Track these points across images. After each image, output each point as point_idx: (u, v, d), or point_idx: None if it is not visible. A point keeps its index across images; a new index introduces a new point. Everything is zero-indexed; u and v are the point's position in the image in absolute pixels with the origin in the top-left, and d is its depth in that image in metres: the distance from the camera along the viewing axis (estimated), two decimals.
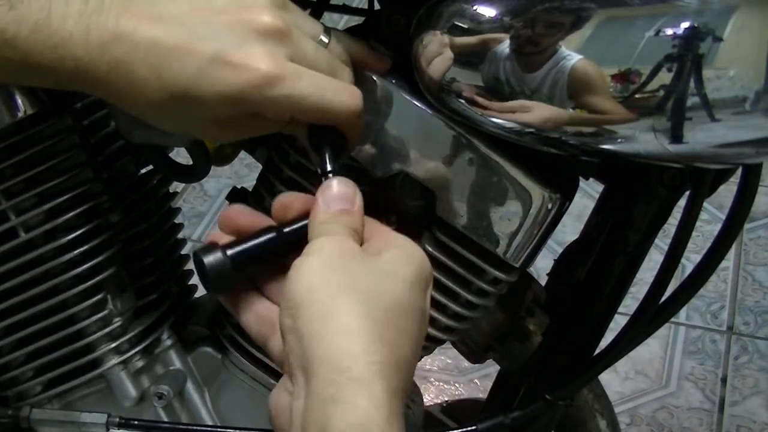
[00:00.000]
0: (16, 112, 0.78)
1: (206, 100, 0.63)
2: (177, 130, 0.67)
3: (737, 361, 1.94)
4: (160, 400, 0.88)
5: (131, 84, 0.63)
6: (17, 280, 0.83)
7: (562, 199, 0.76)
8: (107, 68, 0.62)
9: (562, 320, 0.91)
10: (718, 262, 0.85)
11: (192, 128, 0.67)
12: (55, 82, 0.64)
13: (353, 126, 0.67)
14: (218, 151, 0.89)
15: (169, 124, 0.66)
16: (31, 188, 0.81)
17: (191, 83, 0.62)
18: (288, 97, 0.63)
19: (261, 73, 0.62)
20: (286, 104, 0.64)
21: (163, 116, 0.65)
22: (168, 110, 0.64)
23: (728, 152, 0.67)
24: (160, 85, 0.63)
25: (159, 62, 0.62)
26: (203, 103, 0.63)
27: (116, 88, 0.63)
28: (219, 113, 0.64)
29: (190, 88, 0.62)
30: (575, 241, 0.93)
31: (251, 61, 0.62)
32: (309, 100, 0.64)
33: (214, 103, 0.63)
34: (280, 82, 0.63)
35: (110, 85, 0.63)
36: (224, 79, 0.62)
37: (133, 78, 0.63)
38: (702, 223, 2.05)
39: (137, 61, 0.62)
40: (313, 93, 0.64)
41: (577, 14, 0.65)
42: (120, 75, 0.63)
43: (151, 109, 0.64)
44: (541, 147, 0.71)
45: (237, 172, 2.24)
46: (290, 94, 0.63)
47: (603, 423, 1.08)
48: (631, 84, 0.64)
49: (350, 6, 0.87)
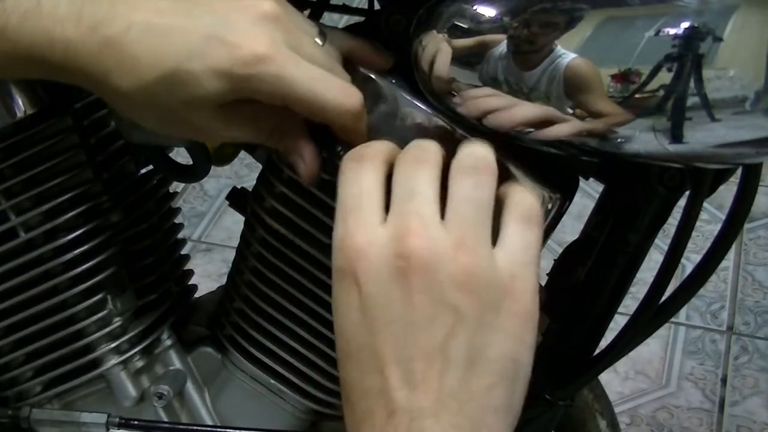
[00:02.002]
0: (15, 112, 0.78)
1: (197, 77, 0.62)
2: (158, 124, 0.66)
3: (737, 361, 1.94)
4: (160, 400, 0.88)
5: (121, 62, 0.62)
6: (17, 280, 0.83)
7: (562, 199, 0.75)
8: (98, 48, 0.62)
9: (562, 320, 0.90)
10: (718, 262, 0.85)
11: (176, 118, 0.65)
12: (46, 70, 0.63)
13: (350, 129, 0.66)
14: (218, 151, 0.89)
15: (152, 114, 0.65)
16: (31, 188, 0.81)
17: (184, 60, 0.62)
18: (279, 77, 0.62)
19: (254, 51, 0.62)
20: (278, 85, 0.63)
21: (147, 101, 0.64)
22: (154, 92, 0.63)
23: (728, 152, 0.67)
24: (152, 63, 0.62)
25: (152, 41, 0.62)
26: (194, 81, 0.62)
27: (105, 67, 0.62)
28: (209, 93, 0.63)
29: (182, 64, 0.62)
30: (575, 241, 0.93)
31: (247, 41, 0.62)
32: (301, 87, 0.63)
33: (204, 79, 0.62)
34: (272, 62, 0.62)
35: (99, 65, 0.62)
36: (217, 55, 0.62)
37: (124, 56, 0.62)
38: (702, 223, 2.05)
39: (130, 41, 0.62)
40: (305, 81, 0.63)
41: (577, 14, 0.65)
42: (111, 53, 0.62)
43: (138, 91, 0.63)
44: (541, 147, 0.71)
45: (237, 172, 2.24)
46: (282, 74, 0.62)
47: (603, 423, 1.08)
48: (631, 84, 0.64)
49: (350, 6, 0.87)
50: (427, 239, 0.57)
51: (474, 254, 0.57)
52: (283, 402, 0.88)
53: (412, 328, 0.56)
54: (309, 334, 0.84)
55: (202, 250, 2.16)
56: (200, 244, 2.18)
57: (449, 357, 0.57)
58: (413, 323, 0.57)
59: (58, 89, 0.80)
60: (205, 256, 2.14)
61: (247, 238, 0.85)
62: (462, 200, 0.59)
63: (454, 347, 0.56)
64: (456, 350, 0.57)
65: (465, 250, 0.57)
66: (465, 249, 0.57)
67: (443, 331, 0.57)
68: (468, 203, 0.59)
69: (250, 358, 0.87)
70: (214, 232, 2.21)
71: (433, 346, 0.56)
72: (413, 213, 0.58)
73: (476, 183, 0.60)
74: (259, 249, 0.83)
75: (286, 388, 0.87)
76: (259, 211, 0.82)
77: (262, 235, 0.82)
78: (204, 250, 2.16)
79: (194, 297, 0.96)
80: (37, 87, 0.79)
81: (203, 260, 2.12)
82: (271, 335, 0.85)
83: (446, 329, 0.57)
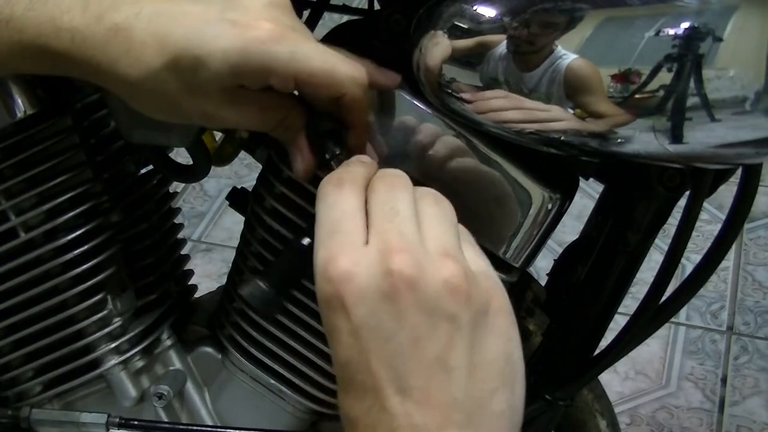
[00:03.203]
0: (16, 112, 0.78)
1: (208, 59, 0.61)
2: (164, 112, 0.66)
3: (737, 361, 1.94)
4: (160, 400, 0.88)
5: (129, 50, 0.62)
6: (17, 281, 0.83)
7: (562, 199, 0.76)
8: (105, 35, 0.61)
9: (562, 320, 0.91)
10: (718, 262, 0.85)
11: (183, 105, 0.64)
12: (52, 61, 0.63)
13: (359, 100, 0.66)
14: (218, 151, 0.89)
15: (158, 102, 0.65)
16: (31, 188, 0.81)
17: (194, 41, 0.61)
18: (293, 53, 0.62)
19: (267, 29, 0.62)
20: (292, 62, 0.62)
21: (155, 88, 0.63)
22: (162, 78, 0.62)
23: (728, 152, 0.67)
24: (161, 48, 0.61)
25: (161, 27, 0.61)
26: (204, 64, 0.62)
27: (112, 55, 0.62)
28: (218, 77, 0.62)
29: (193, 46, 0.61)
30: (575, 241, 0.93)
31: (260, 21, 0.62)
32: (315, 62, 0.63)
33: (216, 61, 0.61)
34: (285, 40, 0.62)
35: (106, 53, 0.62)
36: (229, 35, 0.61)
37: (132, 43, 0.61)
38: (702, 223, 2.05)
39: (138, 27, 0.61)
40: (318, 56, 0.63)
41: (577, 14, 0.65)
42: (119, 40, 0.61)
43: (146, 79, 0.63)
44: (541, 147, 0.71)
45: (237, 172, 2.24)
46: (296, 50, 0.62)
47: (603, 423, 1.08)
48: (631, 84, 0.64)
49: (350, 6, 0.87)
50: (412, 254, 0.57)
51: (458, 261, 0.58)
52: (283, 402, 0.88)
53: (409, 343, 0.56)
54: (309, 334, 0.84)
55: (202, 250, 2.16)
56: (200, 244, 2.18)
57: (450, 367, 0.56)
58: (409, 339, 0.56)
59: (58, 89, 0.80)
60: (205, 256, 2.14)
61: (247, 238, 0.85)
62: (433, 216, 0.60)
63: (454, 356, 0.56)
64: (456, 359, 0.56)
65: (449, 259, 0.57)
66: (449, 258, 0.57)
67: (441, 342, 0.56)
68: (439, 219, 0.60)
69: (250, 358, 0.87)
70: (214, 232, 2.21)
71: (433, 359, 0.56)
72: (395, 231, 0.58)
73: (435, 200, 0.61)
74: (259, 249, 0.83)
75: (286, 388, 0.87)
76: (259, 211, 0.82)
77: (262, 235, 0.82)
78: (204, 250, 2.16)
79: (194, 297, 0.96)
80: (37, 87, 0.79)
81: (203, 260, 2.12)
82: (271, 335, 0.85)
83: (444, 339, 0.56)
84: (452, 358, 0.56)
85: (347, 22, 0.82)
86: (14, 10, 0.61)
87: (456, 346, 0.56)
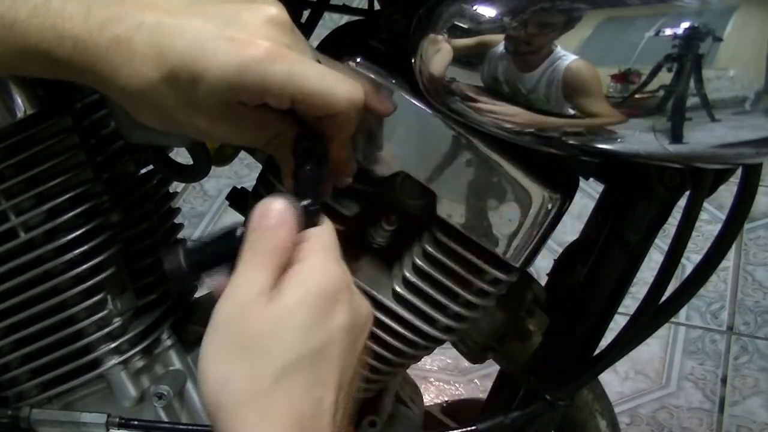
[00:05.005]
0: (16, 112, 0.78)
1: (206, 75, 0.62)
2: (163, 124, 0.66)
3: (737, 361, 1.94)
4: (160, 400, 0.88)
5: (130, 61, 0.62)
6: (17, 281, 0.83)
7: (562, 199, 0.76)
8: (107, 45, 0.62)
9: (562, 320, 0.91)
10: (718, 262, 0.85)
11: (181, 118, 0.65)
12: (53, 67, 0.63)
13: (352, 120, 0.66)
14: (218, 151, 0.89)
15: (157, 113, 0.65)
16: (31, 188, 0.81)
17: (193, 56, 0.61)
18: (290, 74, 0.62)
19: (265, 48, 0.62)
20: (289, 82, 0.63)
21: (154, 100, 0.64)
22: (161, 92, 0.63)
23: (728, 152, 0.67)
24: (160, 60, 0.62)
25: (162, 39, 0.62)
26: (202, 79, 0.62)
27: (113, 66, 0.62)
28: (215, 92, 0.62)
29: (191, 61, 0.62)
30: (575, 241, 0.93)
31: (259, 39, 0.62)
32: (311, 82, 0.63)
33: (213, 77, 0.62)
34: (283, 59, 0.62)
35: (107, 63, 0.62)
36: (227, 52, 0.61)
37: (133, 54, 0.62)
38: (702, 223, 2.05)
39: (139, 39, 0.62)
40: (315, 76, 0.63)
41: (576, 14, 0.65)
42: (120, 51, 0.62)
43: (145, 91, 0.63)
44: (541, 147, 0.71)
45: (237, 172, 2.24)
46: (293, 71, 0.62)
47: (603, 423, 1.08)
48: (631, 84, 0.64)
49: (350, 6, 0.87)
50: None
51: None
52: None
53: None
54: None
55: None
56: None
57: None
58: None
59: (58, 89, 0.80)
60: None
61: None
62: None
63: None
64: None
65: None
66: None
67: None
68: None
69: None
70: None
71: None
72: None
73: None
74: None
75: None
76: None
77: None
78: None
79: (194, 297, 0.96)
80: (37, 87, 0.79)
81: None
82: None
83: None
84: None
85: (347, 24, 0.82)
86: (18, 14, 0.62)
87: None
